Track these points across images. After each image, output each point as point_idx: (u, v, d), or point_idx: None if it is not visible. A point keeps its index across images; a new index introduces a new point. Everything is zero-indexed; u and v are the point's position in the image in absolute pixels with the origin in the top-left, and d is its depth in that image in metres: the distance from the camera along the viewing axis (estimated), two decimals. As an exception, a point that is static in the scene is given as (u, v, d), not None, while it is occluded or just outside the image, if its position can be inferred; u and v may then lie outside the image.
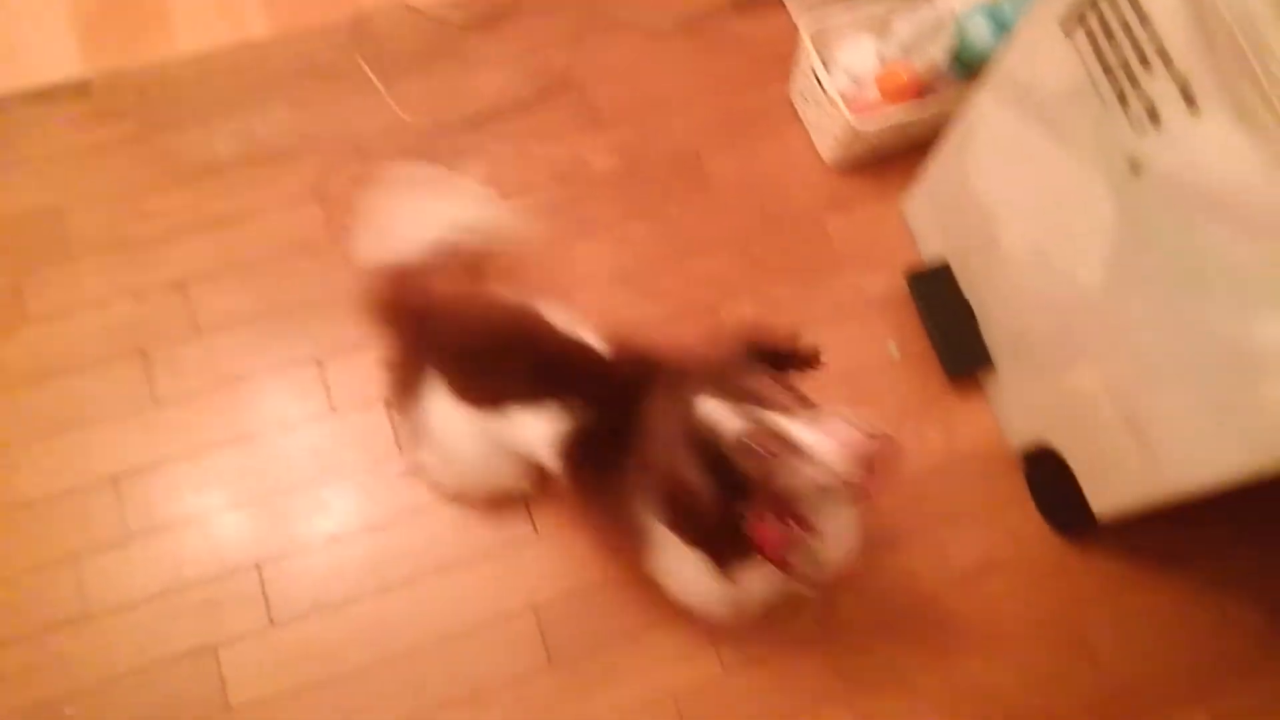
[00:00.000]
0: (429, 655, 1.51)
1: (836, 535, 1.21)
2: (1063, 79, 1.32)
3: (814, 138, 1.93)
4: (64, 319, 1.67)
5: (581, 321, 1.33)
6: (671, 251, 1.81)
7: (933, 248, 1.81)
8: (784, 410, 1.02)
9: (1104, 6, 1.20)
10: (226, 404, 1.64)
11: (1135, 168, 1.22)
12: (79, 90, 1.84)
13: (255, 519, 1.57)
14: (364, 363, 1.67)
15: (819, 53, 1.82)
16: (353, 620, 1.52)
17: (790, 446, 1.00)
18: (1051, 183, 1.41)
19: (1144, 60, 1.16)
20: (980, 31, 1.69)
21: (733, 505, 1.07)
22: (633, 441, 1.14)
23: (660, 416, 1.10)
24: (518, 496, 1.59)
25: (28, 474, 1.57)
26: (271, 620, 1.51)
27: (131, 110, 1.83)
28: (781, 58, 1.98)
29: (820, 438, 0.99)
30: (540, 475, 1.45)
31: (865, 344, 1.77)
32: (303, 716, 1.46)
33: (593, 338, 1.30)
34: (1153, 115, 1.17)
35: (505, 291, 1.40)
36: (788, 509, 1.11)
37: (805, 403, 1.08)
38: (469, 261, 1.46)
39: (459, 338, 1.31)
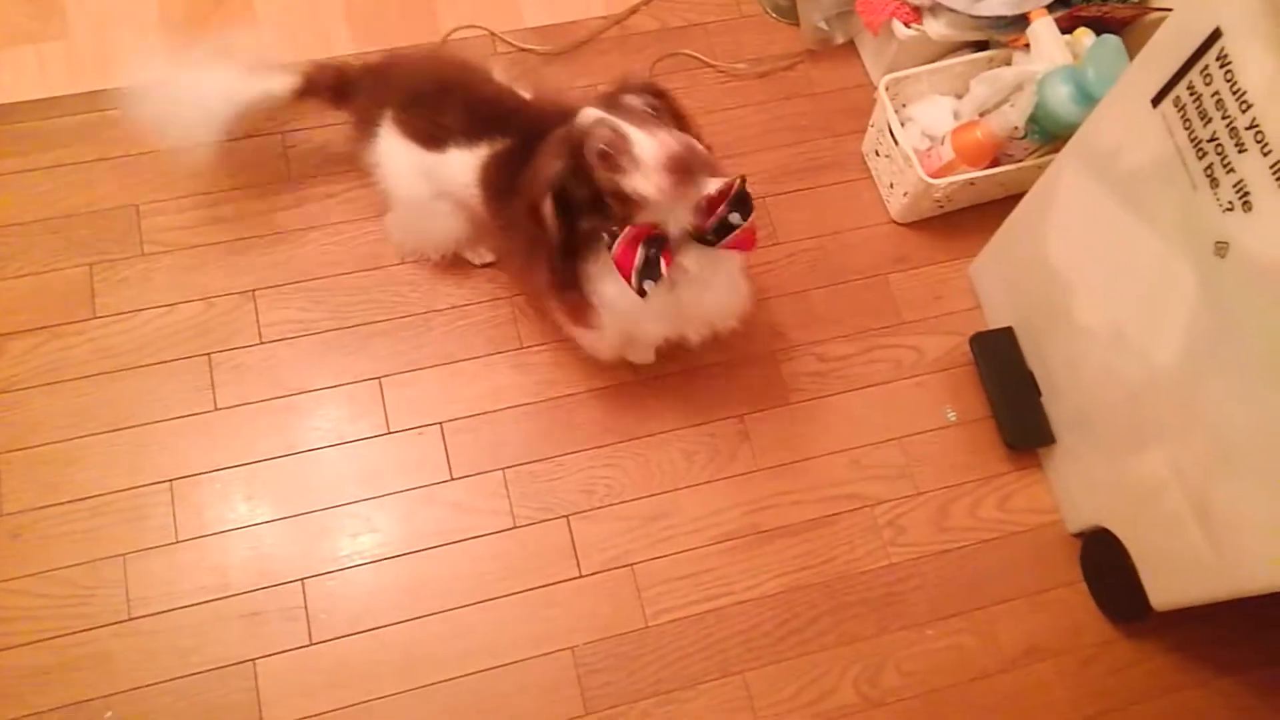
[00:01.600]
0: (464, 690, 1.50)
1: (706, 281, 1.34)
2: (1149, 153, 1.30)
3: (883, 193, 1.92)
4: (133, 317, 1.69)
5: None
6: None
7: (998, 313, 1.78)
8: (637, 122, 1.16)
9: (1198, 83, 1.18)
10: (284, 415, 1.65)
11: (1222, 249, 1.19)
12: (164, 94, 1.88)
13: (303, 534, 1.57)
14: (423, 386, 1.68)
15: (894, 107, 1.81)
16: (390, 645, 1.52)
17: (626, 148, 1.14)
18: (1131, 257, 1.38)
19: (1238, 142, 1.13)
20: (1061, 97, 1.67)
21: (591, 213, 1.23)
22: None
23: (551, 139, 1.25)
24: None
25: (84, 468, 1.59)
26: (311, 638, 1.51)
27: (213, 117, 1.87)
28: (854, 110, 1.98)
29: (646, 138, 1.13)
30: (473, 227, 1.57)
31: (922, 406, 1.75)
32: (334, 739, 1.46)
33: (523, 90, 1.48)
34: (1244, 198, 1.14)
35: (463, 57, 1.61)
36: (645, 229, 1.23)
37: (667, 124, 1.21)
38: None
39: (414, 85, 1.48)
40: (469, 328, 1.73)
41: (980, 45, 1.91)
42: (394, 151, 1.49)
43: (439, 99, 1.44)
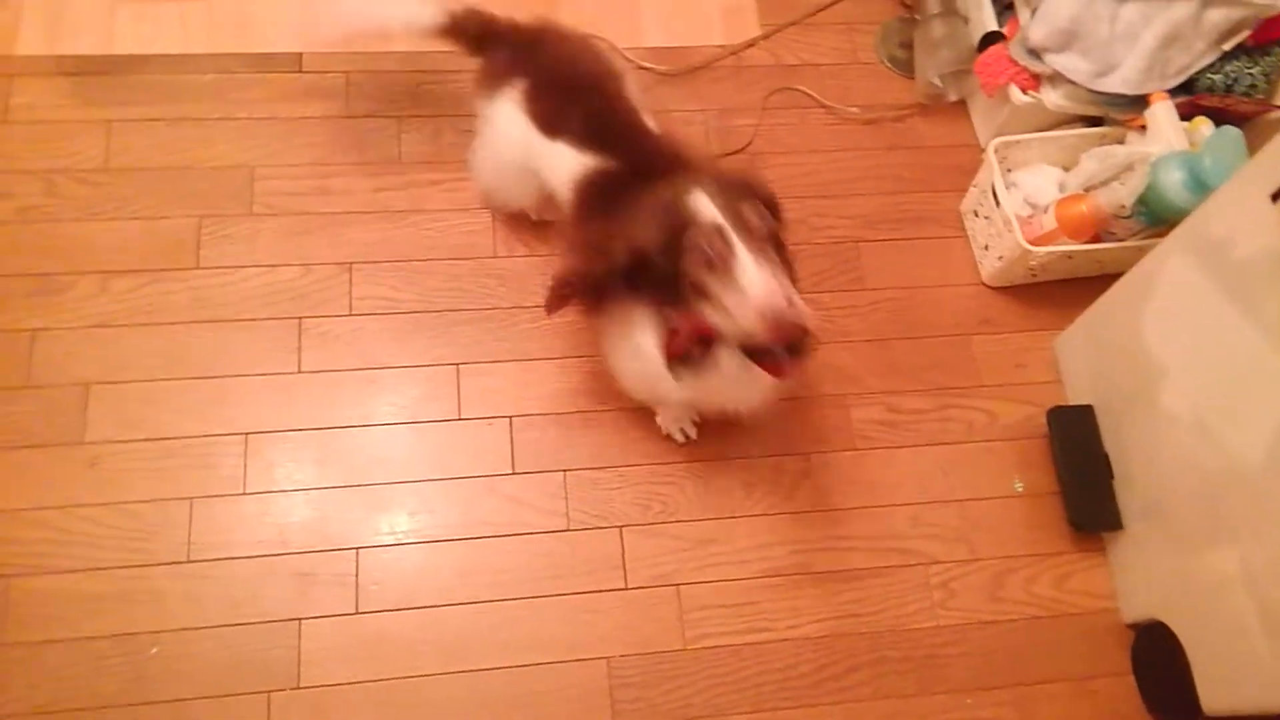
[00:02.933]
0: (498, 681, 1.51)
1: (734, 378, 1.30)
2: (1262, 247, 1.29)
3: (976, 254, 1.91)
4: (232, 273, 1.75)
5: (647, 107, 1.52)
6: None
7: (1079, 390, 1.76)
8: (750, 243, 1.12)
9: (1323, 185, 1.17)
10: (363, 388, 1.69)
11: (1330, 357, 1.17)
12: (293, 63, 1.95)
13: (364, 504, 1.61)
14: (498, 376, 1.71)
15: (1000, 170, 1.81)
16: (433, 626, 1.54)
17: (729, 264, 1.11)
18: (1228, 349, 1.36)
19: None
20: (1174, 182, 1.65)
21: (660, 285, 1.20)
22: (634, 202, 1.26)
23: (658, 191, 1.23)
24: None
25: (165, 410, 1.64)
26: (358, 607, 1.53)
27: (337, 92, 1.93)
28: (958, 169, 1.98)
29: (757, 282, 1.09)
30: (548, 202, 1.60)
31: (990, 472, 1.73)
32: (366, 711, 1.48)
33: (650, 118, 1.49)
34: (1362, 308, 1.12)
35: (609, 58, 1.59)
36: (700, 318, 1.20)
37: (779, 257, 1.18)
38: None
39: (554, 69, 1.50)
40: (551, 328, 1.76)
41: (1094, 121, 1.90)
42: (510, 118, 1.51)
43: (570, 93, 1.47)
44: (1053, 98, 1.85)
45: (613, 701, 1.51)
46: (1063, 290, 1.86)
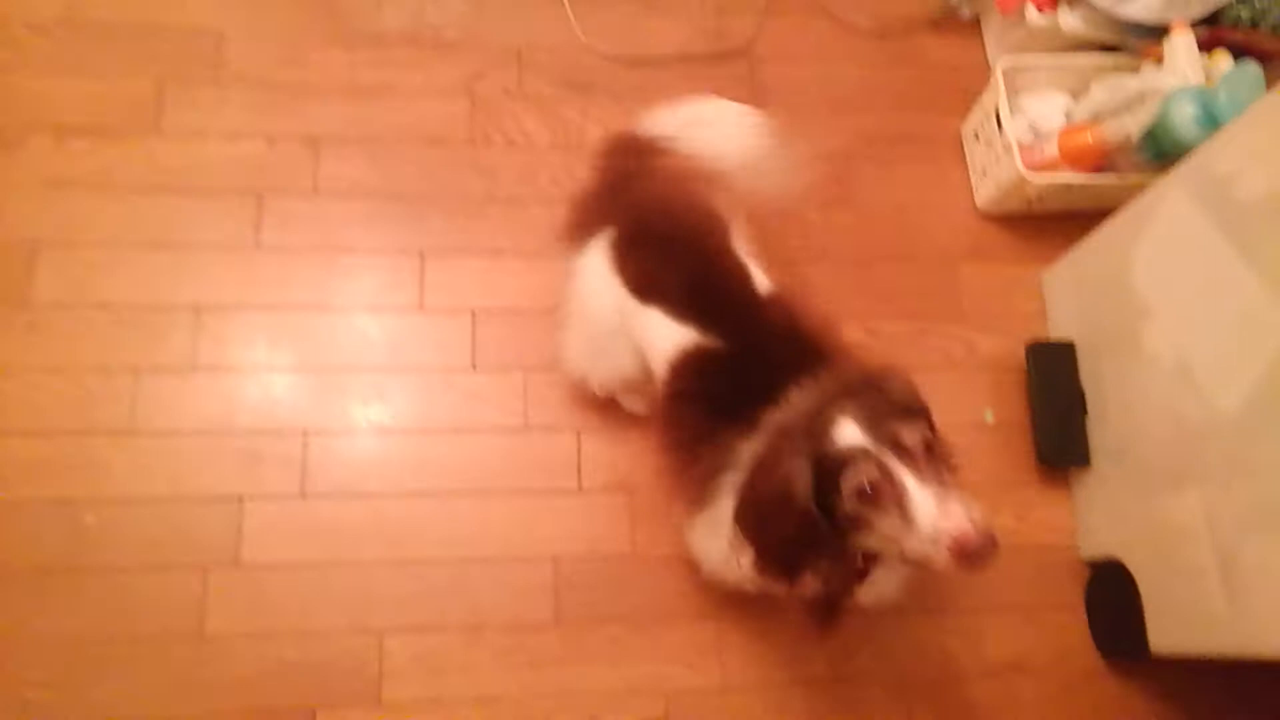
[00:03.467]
0: (443, 573, 1.49)
1: (881, 583, 1.13)
2: (1267, 186, 1.23)
3: (973, 179, 1.84)
4: (194, 141, 1.67)
5: (758, 260, 1.28)
6: (796, 253, 1.74)
7: (1063, 325, 1.71)
8: (914, 469, 0.95)
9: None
10: (322, 270, 1.63)
11: (1324, 303, 1.12)
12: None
13: (316, 388, 1.56)
14: (464, 269, 1.65)
15: (1007, 94, 1.72)
16: (379, 514, 1.51)
17: (902, 509, 0.94)
18: (1222, 293, 1.31)
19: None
20: (1185, 116, 1.57)
21: (814, 538, 1.00)
22: (742, 395, 1.08)
23: (795, 410, 1.03)
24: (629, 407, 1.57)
25: (117, 278, 1.58)
26: (303, 491, 1.50)
27: (315, -40, 1.83)
28: (964, 90, 1.89)
29: (935, 514, 0.92)
30: (644, 381, 1.35)
31: (962, 401, 1.69)
32: (304, 593, 1.46)
33: (761, 278, 1.24)
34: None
35: (711, 200, 1.34)
36: (858, 558, 1.04)
37: (942, 468, 0.99)
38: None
39: (648, 216, 1.28)
40: (523, 223, 1.69)
41: (1109, 48, 1.81)
42: (598, 273, 1.29)
43: (665, 248, 1.24)
44: (1070, 20, 1.76)
45: (557, 601, 1.50)
46: (1058, 225, 1.79)
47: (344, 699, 1.42)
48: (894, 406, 1.00)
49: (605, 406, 1.59)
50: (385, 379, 1.58)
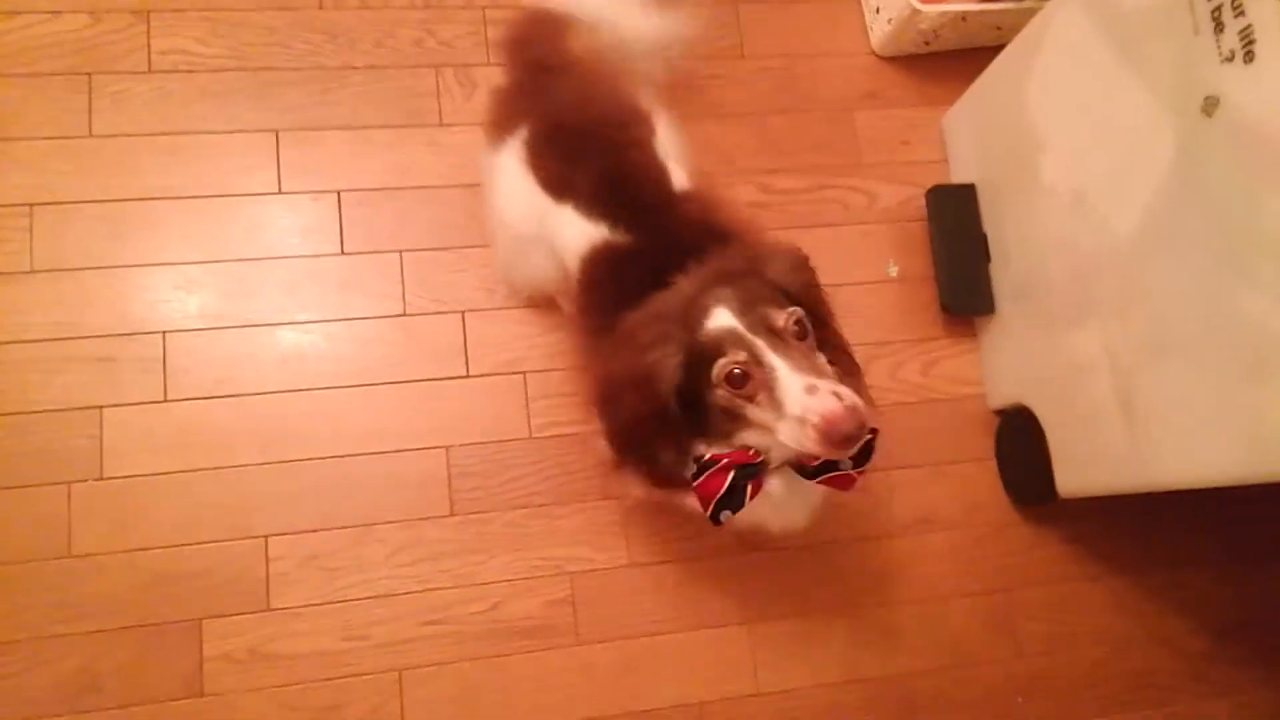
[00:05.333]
0: (328, 471, 1.42)
1: (785, 502, 1.08)
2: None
3: (867, 18, 1.74)
4: (7, 19, 1.50)
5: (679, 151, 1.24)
6: (686, 111, 1.62)
7: (964, 169, 1.64)
8: (784, 353, 0.91)
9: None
10: (167, 156, 1.49)
11: (1210, 106, 1.06)
12: None
13: (170, 284, 1.45)
14: (325, 149, 1.53)
15: (898, -78, 1.61)
16: (253, 415, 1.42)
17: (771, 393, 0.91)
18: (1112, 111, 1.24)
19: (1256, -18, 0.99)
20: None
21: (681, 429, 0.98)
22: (650, 286, 1.03)
23: (676, 295, 1.00)
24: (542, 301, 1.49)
25: (-63, 178, 1.43)
26: (166, 395, 1.40)
27: None
28: (853, -79, 1.77)
29: (802, 396, 0.88)
30: (564, 283, 1.29)
31: (864, 255, 1.63)
32: (177, 503, 1.38)
33: (678, 171, 1.19)
34: (1248, 46, 1.01)
35: (632, 94, 1.27)
36: (743, 457, 0.99)
37: (816, 351, 0.97)
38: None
39: (562, 112, 1.21)
40: (387, 93, 1.56)
41: None
42: (512, 175, 1.23)
43: (581, 143, 1.18)
44: None
45: (451, 491, 1.44)
46: (958, 62, 1.70)
47: (230, 607, 1.36)
48: (769, 289, 0.98)
49: (490, 286, 1.50)
50: (247, 269, 1.47)
